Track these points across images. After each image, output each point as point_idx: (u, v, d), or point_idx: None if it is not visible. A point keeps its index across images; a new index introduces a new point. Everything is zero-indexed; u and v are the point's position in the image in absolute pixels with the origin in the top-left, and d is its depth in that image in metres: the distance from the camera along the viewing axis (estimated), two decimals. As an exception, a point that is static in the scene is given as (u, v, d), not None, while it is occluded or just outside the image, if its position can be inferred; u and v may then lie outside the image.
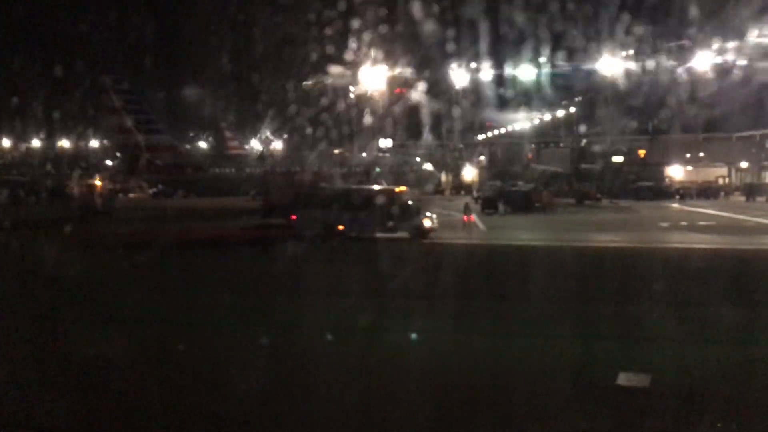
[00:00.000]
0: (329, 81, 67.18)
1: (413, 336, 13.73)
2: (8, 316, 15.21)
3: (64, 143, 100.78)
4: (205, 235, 35.48)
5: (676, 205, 54.41)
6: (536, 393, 10.21)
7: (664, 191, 63.43)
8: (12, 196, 59.51)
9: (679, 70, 65.24)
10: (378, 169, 58.86)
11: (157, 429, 9.12)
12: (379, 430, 9.21)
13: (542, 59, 71.44)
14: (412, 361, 11.94)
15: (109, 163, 78.24)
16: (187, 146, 76.19)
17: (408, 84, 76.80)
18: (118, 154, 66.91)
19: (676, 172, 74.18)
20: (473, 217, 38.92)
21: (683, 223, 39.04)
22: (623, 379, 10.36)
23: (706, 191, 64.44)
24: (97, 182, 66.66)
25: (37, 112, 64.40)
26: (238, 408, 9.66)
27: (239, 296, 17.95)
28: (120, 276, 21.39)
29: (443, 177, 73.51)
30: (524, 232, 36.24)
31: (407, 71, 73.32)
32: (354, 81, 72.17)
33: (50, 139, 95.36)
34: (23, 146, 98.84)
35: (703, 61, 64.49)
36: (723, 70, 64.13)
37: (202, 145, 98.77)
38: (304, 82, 69.13)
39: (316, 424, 9.20)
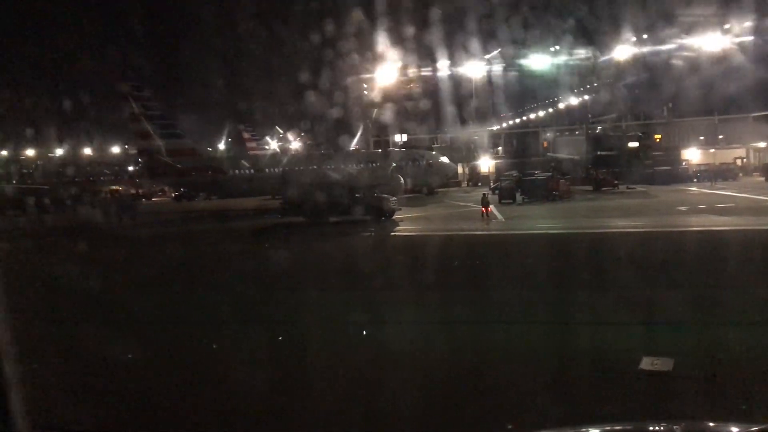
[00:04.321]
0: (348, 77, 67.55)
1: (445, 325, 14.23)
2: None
3: (87, 150, 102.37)
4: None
5: (694, 189, 54.33)
6: (559, 378, 10.51)
7: (681, 175, 63.31)
8: (38, 204, 60.86)
9: (693, 51, 65.05)
10: (393, 164, 59.18)
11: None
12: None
13: (555, 47, 71.64)
14: (433, 348, 12.44)
15: (130, 168, 79.34)
16: (209, 149, 76.98)
17: (422, 77, 77.11)
18: (139, 160, 67.85)
19: (693, 155, 73.91)
20: (491, 208, 39.33)
21: (702, 206, 39.02)
22: (646, 363, 10.46)
23: (725, 173, 64.14)
24: (120, 188, 67.94)
25: (60, 120, 65.54)
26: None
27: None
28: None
29: (460, 169, 73.74)
30: (543, 221, 36.45)
31: (421, 64, 73.59)
32: (369, 76, 72.57)
33: (73, 146, 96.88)
34: (47, 154, 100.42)
35: (717, 41, 64.30)
36: (738, 49, 63.88)
37: (222, 147, 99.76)
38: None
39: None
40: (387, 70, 72.88)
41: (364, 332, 13.71)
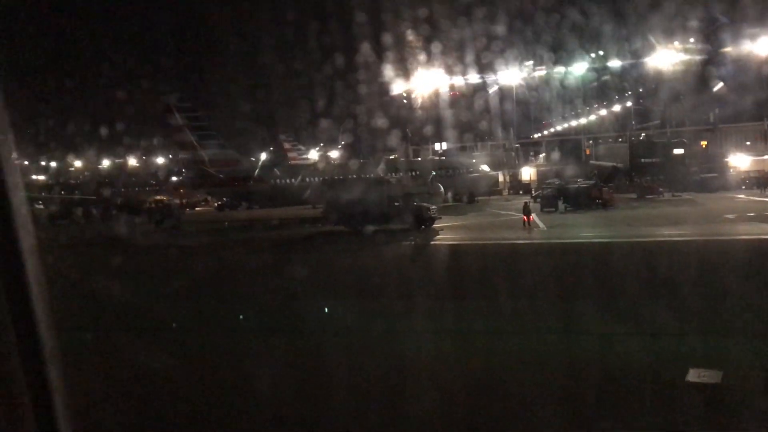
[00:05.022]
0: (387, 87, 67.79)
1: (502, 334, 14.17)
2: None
3: (132, 161, 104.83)
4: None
5: (742, 196, 53.07)
6: (607, 389, 10.39)
7: (729, 182, 61.89)
8: (85, 214, 62.43)
9: (739, 58, 63.70)
10: (433, 172, 59.13)
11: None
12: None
13: (598, 54, 70.87)
14: (484, 355, 12.40)
15: (174, 178, 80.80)
16: (251, 159, 78.05)
17: (462, 86, 76.97)
18: (183, 170, 69.14)
19: (740, 162, 72.17)
20: (533, 216, 38.96)
21: (750, 214, 38.11)
22: (693, 375, 10.26)
23: (774, 180, 62.52)
24: (164, 198, 69.22)
25: (106, 132, 67.19)
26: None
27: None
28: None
29: (501, 177, 73.31)
30: (586, 230, 35.98)
31: (462, 73, 73.46)
32: (409, 85, 72.71)
33: (119, 157, 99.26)
34: (94, 165, 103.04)
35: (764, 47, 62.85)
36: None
37: (263, 157, 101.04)
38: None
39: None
40: (427, 79, 72.93)
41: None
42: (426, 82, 73.32)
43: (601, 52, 70.96)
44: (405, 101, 76.62)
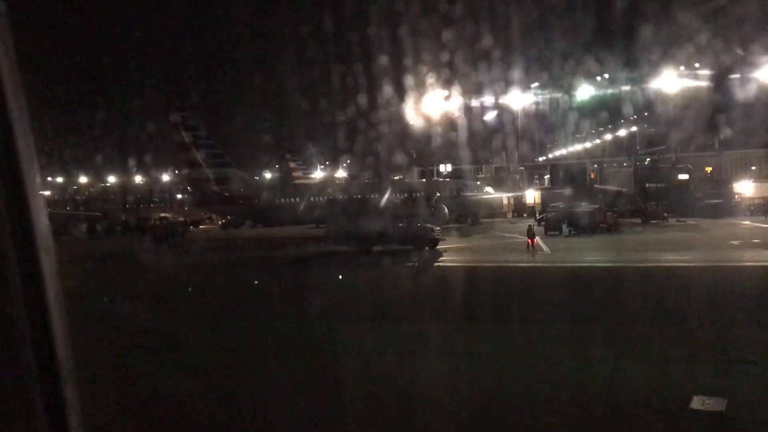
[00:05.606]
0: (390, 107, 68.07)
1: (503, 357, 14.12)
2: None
3: (137, 178, 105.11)
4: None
5: (747, 222, 52.92)
6: (612, 415, 10.36)
7: (733, 208, 61.76)
8: (90, 230, 62.58)
9: (743, 83, 63.84)
10: (438, 194, 59.14)
11: None
12: None
13: (602, 77, 71.14)
14: (490, 380, 12.34)
15: (179, 196, 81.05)
16: (256, 178, 78.28)
17: (467, 108, 77.22)
18: (188, 188, 69.28)
19: (745, 188, 72.08)
20: (537, 239, 38.91)
21: (756, 241, 37.96)
22: (697, 402, 10.21)
23: (779, 207, 62.37)
24: (168, 215, 69.39)
25: (112, 149, 67.54)
26: None
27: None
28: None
29: (505, 200, 73.29)
30: (590, 254, 35.83)
31: (467, 95, 73.73)
32: (414, 107, 72.96)
33: (124, 174, 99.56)
34: (99, 182, 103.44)
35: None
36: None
37: (268, 176, 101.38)
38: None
39: None
40: (432, 100, 73.21)
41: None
42: (432, 104, 73.56)
43: (606, 75, 71.16)
44: (410, 123, 76.86)
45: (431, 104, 73.91)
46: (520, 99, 73.49)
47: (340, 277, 30.91)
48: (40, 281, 3.22)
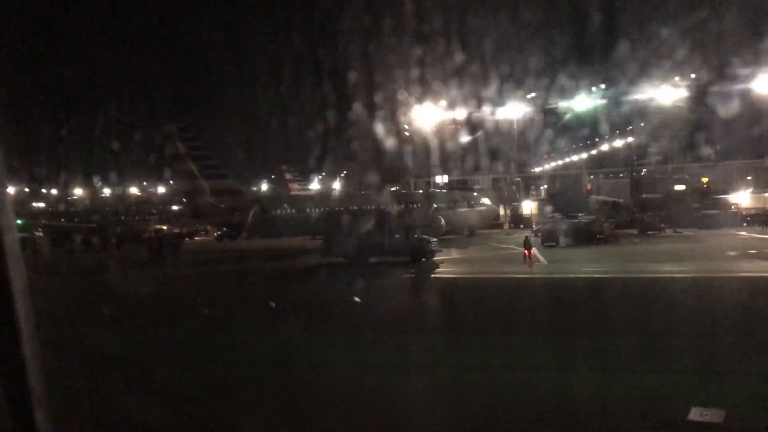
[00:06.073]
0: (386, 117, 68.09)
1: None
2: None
3: (132, 189, 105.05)
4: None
5: (743, 233, 52.84)
6: (609, 427, 10.25)
7: (730, 219, 61.67)
8: (84, 242, 62.26)
9: (740, 95, 63.97)
10: (434, 205, 59.00)
11: None
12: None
13: (599, 88, 71.30)
14: (482, 393, 12.13)
15: (174, 207, 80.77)
16: (252, 189, 78.16)
17: (464, 118, 77.29)
18: (184, 199, 69.04)
19: (742, 199, 72.07)
20: (534, 250, 38.77)
21: (752, 251, 37.90)
22: (696, 413, 10.07)
23: (776, 217, 62.30)
24: (164, 227, 69.13)
25: (107, 160, 67.43)
26: None
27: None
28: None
29: (501, 211, 73.15)
30: (587, 265, 35.68)
31: (464, 105, 73.78)
32: (411, 117, 73.01)
33: (119, 185, 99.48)
34: (94, 193, 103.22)
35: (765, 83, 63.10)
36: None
37: (265, 187, 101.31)
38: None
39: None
40: (429, 111, 73.24)
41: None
42: (428, 114, 73.58)
43: (603, 86, 71.32)
44: (407, 133, 76.85)
45: (427, 115, 73.95)
46: (518, 110, 73.50)
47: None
48: (10, 302, 3.09)
